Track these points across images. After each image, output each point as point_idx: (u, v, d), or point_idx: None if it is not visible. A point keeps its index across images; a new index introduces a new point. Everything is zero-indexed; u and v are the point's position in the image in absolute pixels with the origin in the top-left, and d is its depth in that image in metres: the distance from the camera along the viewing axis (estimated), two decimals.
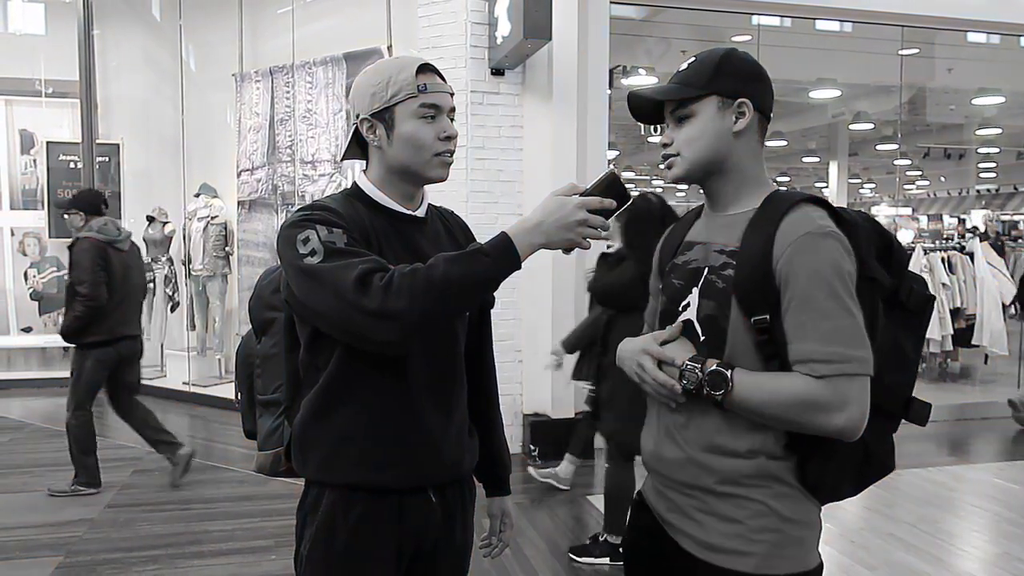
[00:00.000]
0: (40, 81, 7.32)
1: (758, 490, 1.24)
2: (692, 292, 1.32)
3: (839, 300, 1.17)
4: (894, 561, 3.37)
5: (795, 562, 1.25)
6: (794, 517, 1.25)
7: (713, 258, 1.30)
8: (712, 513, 1.27)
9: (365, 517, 1.35)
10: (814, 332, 1.17)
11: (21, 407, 6.27)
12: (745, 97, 1.29)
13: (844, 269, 1.19)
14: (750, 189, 1.32)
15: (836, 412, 1.16)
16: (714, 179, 1.33)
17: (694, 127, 1.30)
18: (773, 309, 1.21)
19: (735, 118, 1.29)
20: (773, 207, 1.26)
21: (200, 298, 6.90)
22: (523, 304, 4.91)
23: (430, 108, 1.34)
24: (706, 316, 1.29)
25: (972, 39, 6.58)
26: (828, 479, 1.26)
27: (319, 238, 1.24)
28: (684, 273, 1.36)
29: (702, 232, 1.38)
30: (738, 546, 1.24)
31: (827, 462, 1.24)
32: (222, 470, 4.60)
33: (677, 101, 1.31)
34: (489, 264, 1.21)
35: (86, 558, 3.34)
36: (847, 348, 1.16)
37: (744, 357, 1.24)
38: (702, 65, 1.30)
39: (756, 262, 1.22)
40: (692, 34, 6.50)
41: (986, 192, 17.25)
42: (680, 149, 1.31)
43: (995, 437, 5.62)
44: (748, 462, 1.24)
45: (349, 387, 1.34)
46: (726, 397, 1.22)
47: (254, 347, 1.68)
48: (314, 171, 5.83)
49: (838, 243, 1.20)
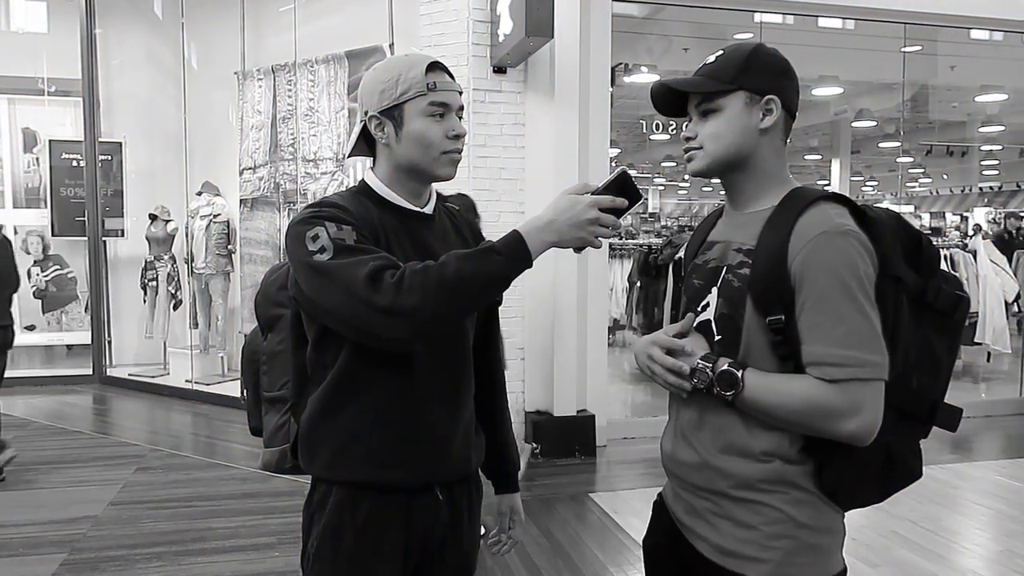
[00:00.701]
0: (43, 79, 7.33)
1: (773, 496, 1.22)
2: (711, 292, 1.29)
3: (855, 302, 1.14)
4: (896, 559, 3.37)
5: (812, 569, 1.22)
6: (811, 523, 1.22)
7: (731, 256, 1.28)
8: (727, 517, 1.25)
9: (372, 515, 1.36)
10: (828, 335, 1.14)
11: (25, 405, 6.29)
12: (773, 94, 1.26)
13: (861, 269, 1.15)
14: (771, 187, 1.29)
15: (848, 418, 1.14)
16: (736, 175, 1.30)
17: (720, 122, 1.27)
18: (788, 309, 1.17)
19: (762, 115, 1.26)
20: (791, 205, 1.23)
21: (203, 296, 6.91)
22: (526, 301, 4.91)
23: (439, 106, 1.34)
24: (722, 315, 1.26)
25: (975, 36, 6.57)
26: (846, 484, 1.22)
27: (328, 235, 1.24)
28: (704, 273, 1.33)
29: (722, 231, 1.35)
30: (753, 552, 1.22)
31: (845, 467, 1.21)
32: (225, 467, 4.61)
33: (703, 94, 1.28)
34: (501, 262, 1.21)
35: (90, 555, 3.35)
36: (861, 352, 1.13)
37: (759, 357, 1.22)
38: (730, 59, 1.27)
39: (772, 261, 1.19)
40: (694, 31, 6.49)
41: (989, 190, 17.23)
42: (704, 143, 1.28)
43: (998, 435, 5.62)
44: (763, 466, 1.22)
45: (357, 384, 1.34)
46: (737, 397, 1.20)
47: (260, 344, 1.69)
48: (316, 169, 5.84)
49: (856, 242, 1.16)
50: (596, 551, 3.46)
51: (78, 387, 6.98)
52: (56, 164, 7.19)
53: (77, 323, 7.52)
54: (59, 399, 6.56)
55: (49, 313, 7.49)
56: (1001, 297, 6.46)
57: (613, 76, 5.53)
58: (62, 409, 6.22)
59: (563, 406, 4.91)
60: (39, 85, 7.34)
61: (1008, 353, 6.52)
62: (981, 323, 6.41)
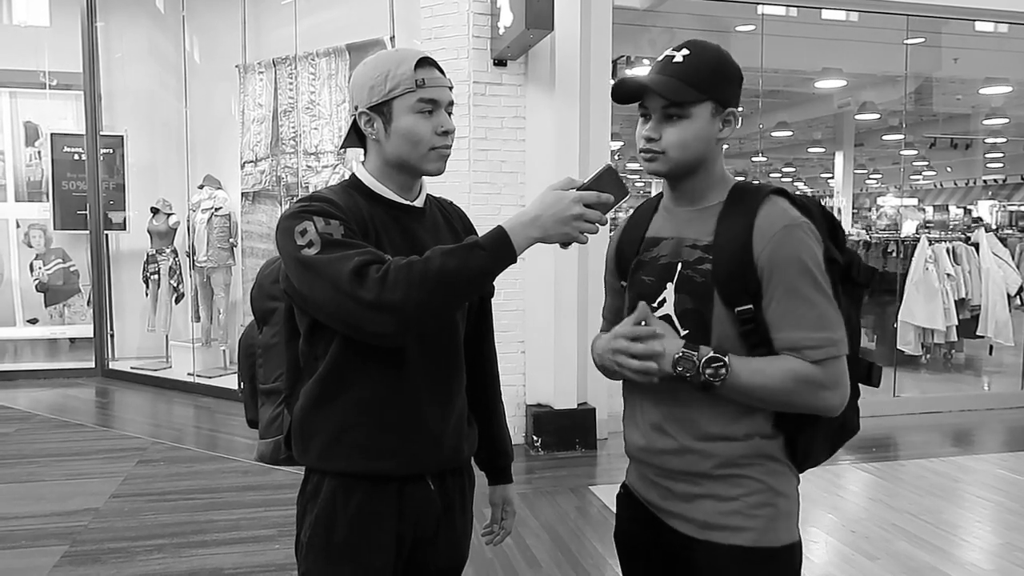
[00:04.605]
0: (44, 73, 7.33)
1: (753, 468, 1.29)
2: (667, 287, 1.33)
3: (820, 288, 1.24)
4: (896, 551, 3.37)
5: (786, 534, 1.31)
6: (785, 492, 1.31)
7: (686, 253, 1.31)
8: (709, 495, 1.30)
9: (365, 504, 1.37)
10: (802, 320, 1.23)
11: (27, 398, 6.31)
12: (734, 107, 1.31)
13: (819, 257, 1.25)
14: (716, 184, 1.34)
15: (831, 391, 1.24)
16: (687, 178, 1.34)
17: (688, 130, 1.28)
18: (755, 299, 1.25)
19: (722, 125, 1.31)
20: (743, 199, 1.30)
21: (204, 289, 6.92)
22: (525, 295, 4.91)
23: (428, 103, 1.34)
24: (686, 311, 1.30)
25: (979, 28, 6.53)
26: (809, 449, 1.34)
27: (316, 229, 1.24)
28: (654, 269, 1.36)
29: (668, 227, 1.38)
30: (736, 522, 1.28)
31: (814, 435, 1.32)
32: (226, 460, 4.63)
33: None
34: (485, 257, 1.21)
35: (92, 547, 3.37)
36: (832, 333, 1.24)
37: (730, 347, 1.27)
38: (702, 65, 1.27)
39: (736, 256, 1.25)
40: (696, 24, 6.47)
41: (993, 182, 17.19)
42: (668, 148, 1.29)
43: (999, 428, 5.61)
44: (744, 444, 1.29)
45: (347, 376, 1.35)
46: (725, 381, 1.23)
47: (256, 337, 1.69)
48: (317, 162, 5.83)
49: (812, 233, 1.26)
50: (596, 544, 3.46)
51: (80, 380, 7.00)
52: (58, 158, 7.19)
53: (79, 316, 7.54)
54: (61, 392, 6.58)
55: (51, 307, 7.51)
56: (1004, 290, 6.44)
57: (615, 69, 5.51)
58: (64, 402, 6.24)
59: (564, 399, 4.91)
60: (41, 79, 7.33)
61: (1011, 346, 6.51)
62: (983, 316, 6.40)
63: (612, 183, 1.27)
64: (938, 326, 6.21)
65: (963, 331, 6.49)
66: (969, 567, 3.24)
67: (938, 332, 6.27)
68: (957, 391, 6.40)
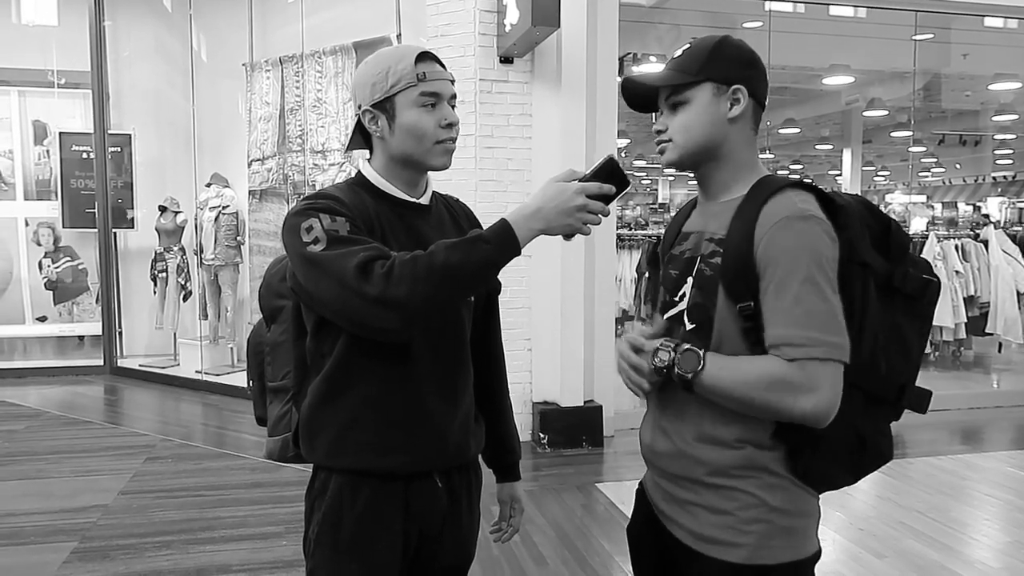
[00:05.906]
0: (52, 72, 7.36)
1: (746, 481, 1.24)
2: (687, 281, 1.32)
3: (813, 283, 1.15)
4: (904, 549, 3.36)
5: (787, 551, 1.24)
6: (784, 507, 1.24)
7: (704, 246, 1.30)
8: (703, 505, 1.28)
9: (372, 501, 1.37)
10: (787, 316, 1.16)
11: (37, 395, 6.35)
12: (740, 83, 1.28)
13: (822, 253, 1.17)
14: (742, 176, 1.30)
15: (804, 394, 1.14)
16: (707, 166, 1.32)
17: (688, 114, 1.29)
18: (756, 295, 1.20)
19: (730, 104, 1.28)
20: (758, 193, 1.25)
21: (212, 287, 6.94)
22: (532, 293, 4.91)
23: (430, 96, 1.34)
24: (696, 305, 1.29)
25: (988, 24, 6.49)
26: (819, 468, 1.24)
27: (322, 226, 1.25)
28: (680, 263, 1.35)
29: (696, 221, 1.37)
30: (729, 537, 1.24)
31: (816, 451, 1.22)
32: (234, 457, 4.64)
33: (672, 87, 1.30)
34: (489, 250, 1.21)
35: (100, 543, 3.39)
36: (820, 333, 1.14)
37: (731, 344, 1.24)
38: (696, 51, 1.29)
39: (739, 249, 1.21)
40: (703, 21, 6.46)
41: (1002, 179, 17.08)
42: (673, 135, 1.31)
43: (1008, 425, 5.58)
44: (736, 452, 1.24)
45: (354, 373, 1.35)
46: (696, 377, 1.20)
47: (264, 335, 1.69)
48: (324, 160, 5.84)
49: (818, 226, 1.17)
50: (603, 541, 3.46)
51: (89, 377, 7.04)
52: (66, 156, 7.22)
53: (88, 314, 7.57)
54: (71, 389, 6.62)
55: (60, 304, 7.55)
56: (1013, 287, 6.41)
57: (621, 66, 5.49)
58: (73, 399, 6.28)
59: (570, 397, 4.91)
60: (49, 78, 7.36)
61: (1020, 343, 6.48)
62: (993, 313, 6.38)
63: (614, 174, 1.27)
64: (947, 323, 6.19)
65: (972, 328, 6.46)
66: (978, 565, 3.22)
67: (947, 329, 6.24)
68: (966, 388, 6.36)
